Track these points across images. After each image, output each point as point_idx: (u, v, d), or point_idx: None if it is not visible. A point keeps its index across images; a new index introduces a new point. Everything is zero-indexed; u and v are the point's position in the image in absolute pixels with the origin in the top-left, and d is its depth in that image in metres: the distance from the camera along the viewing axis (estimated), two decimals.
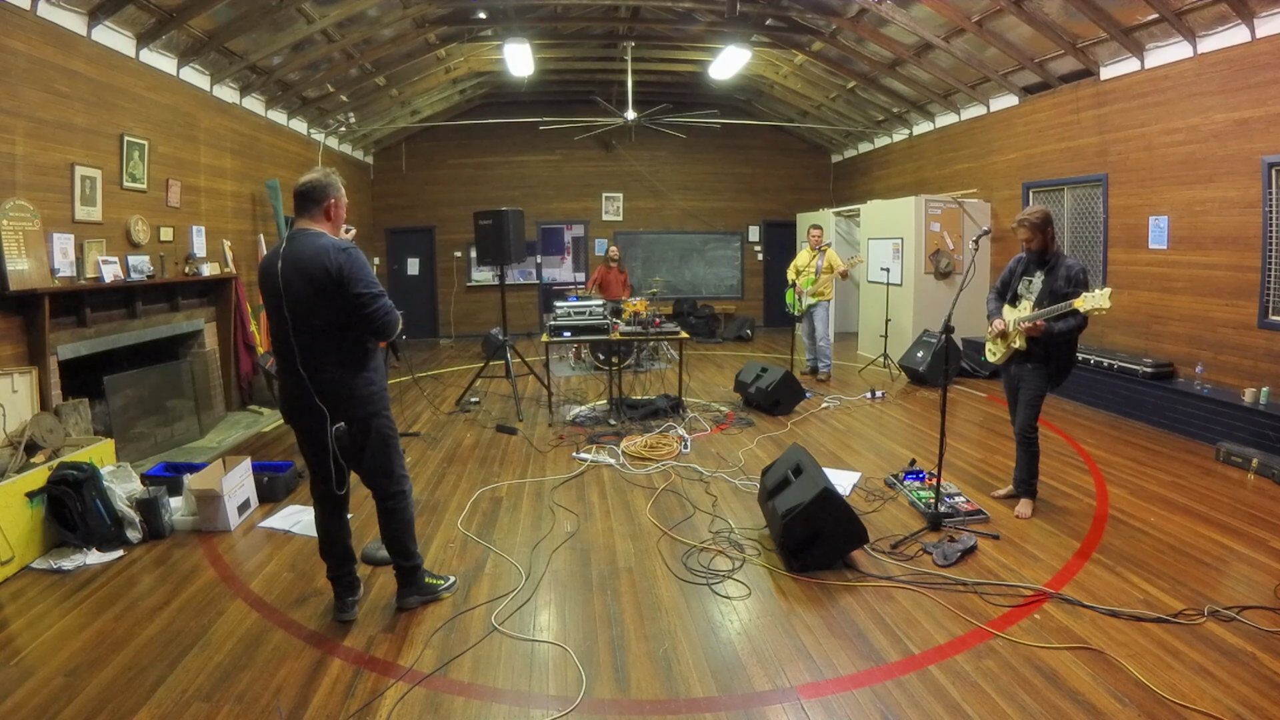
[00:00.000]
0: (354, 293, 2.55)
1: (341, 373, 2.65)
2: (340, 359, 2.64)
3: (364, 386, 2.70)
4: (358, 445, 2.75)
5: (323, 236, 2.63)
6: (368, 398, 2.71)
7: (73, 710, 2.33)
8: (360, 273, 2.57)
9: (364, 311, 2.59)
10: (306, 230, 2.65)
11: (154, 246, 5.53)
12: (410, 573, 2.99)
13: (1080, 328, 3.64)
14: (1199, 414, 5.34)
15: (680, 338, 6.37)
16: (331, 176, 2.74)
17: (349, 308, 2.57)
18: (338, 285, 2.54)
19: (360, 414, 2.70)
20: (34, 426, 3.91)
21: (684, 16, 8.25)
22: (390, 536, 2.93)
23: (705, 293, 12.90)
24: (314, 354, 2.61)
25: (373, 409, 2.73)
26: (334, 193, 2.72)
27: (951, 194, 8.70)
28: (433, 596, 3.06)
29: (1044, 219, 3.72)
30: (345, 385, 2.65)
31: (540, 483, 4.63)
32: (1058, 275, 3.69)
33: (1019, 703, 2.33)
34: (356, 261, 2.58)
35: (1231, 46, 5.32)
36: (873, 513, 3.97)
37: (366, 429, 2.74)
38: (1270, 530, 3.66)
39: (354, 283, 2.55)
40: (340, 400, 2.66)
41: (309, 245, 2.58)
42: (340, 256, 2.55)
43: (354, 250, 2.62)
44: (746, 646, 2.72)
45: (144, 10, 5.12)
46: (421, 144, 11.96)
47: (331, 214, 2.73)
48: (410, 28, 7.51)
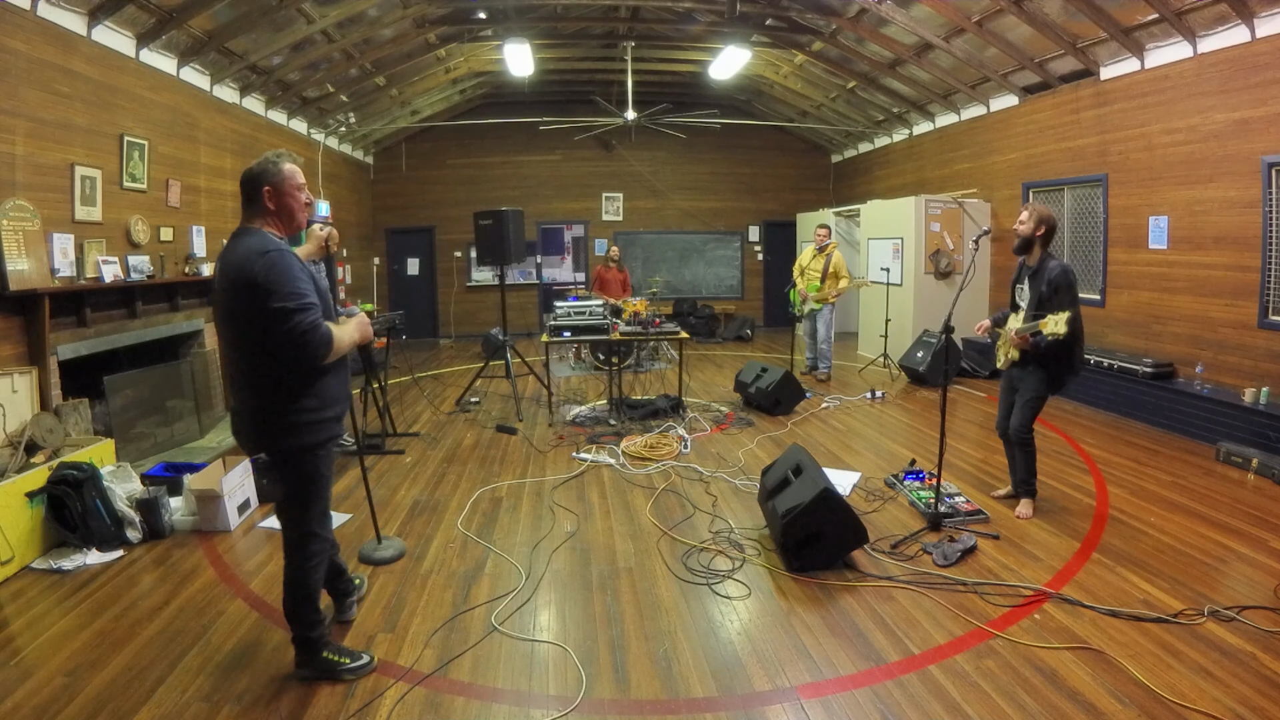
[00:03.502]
0: (269, 307, 2.13)
1: (267, 396, 2.27)
2: (265, 379, 2.25)
3: (294, 414, 2.27)
4: (278, 479, 2.37)
5: (252, 237, 2.25)
6: (298, 427, 2.29)
7: (73, 710, 2.33)
8: (277, 282, 2.14)
9: (278, 328, 2.15)
10: (243, 229, 2.31)
11: (154, 246, 5.53)
12: (303, 645, 2.49)
13: (1071, 335, 3.41)
14: (1199, 414, 5.34)
15: (680, 338, 6.37)
16: (268, 161, 2.33)
17: (267, 322, 2.16)
18: (254, 295, 2.14)
19: (288, 446, 2.30)
20: (34, 426, 3.91)
21: (684, 16, 8.25)
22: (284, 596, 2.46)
23: (705, 293, 12.90)
24: (238, 371, 2.30)
25: (305, 441, 2.31)
26: (268, 179, 2.30)
27: (951, 194, 8.70)
28: (332, 675, 2.50)
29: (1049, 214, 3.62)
30: (271, 411, 2.27)
31: (540, 483, 4.63)
32: (1040, 281, 3.63)
33: (1019, 703, 2.33)
34: (276, 268, 2.15)
35: (1231, 46, 5.32)
36: (873, 513, 3.97)
37: (291, 465, 2.33)
38: (1270, 530, 3.66)
39: (269, 294, 2.13)
40: (259, 427, 2.30)
41: (236, 249, 2.23)
42: (256, 265, 2.15)
43: (278, 254, 2.19)
44: (746, 646, 2.72)
45: (144, 10, 5.12)
46: (421, 144, 11.96)
47: (273, 204, 2.32)
48: (410, 28, 7.52)
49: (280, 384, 2.26)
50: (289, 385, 2.26)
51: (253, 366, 2.26)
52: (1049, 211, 3.69)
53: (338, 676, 2.50)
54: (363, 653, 2.61)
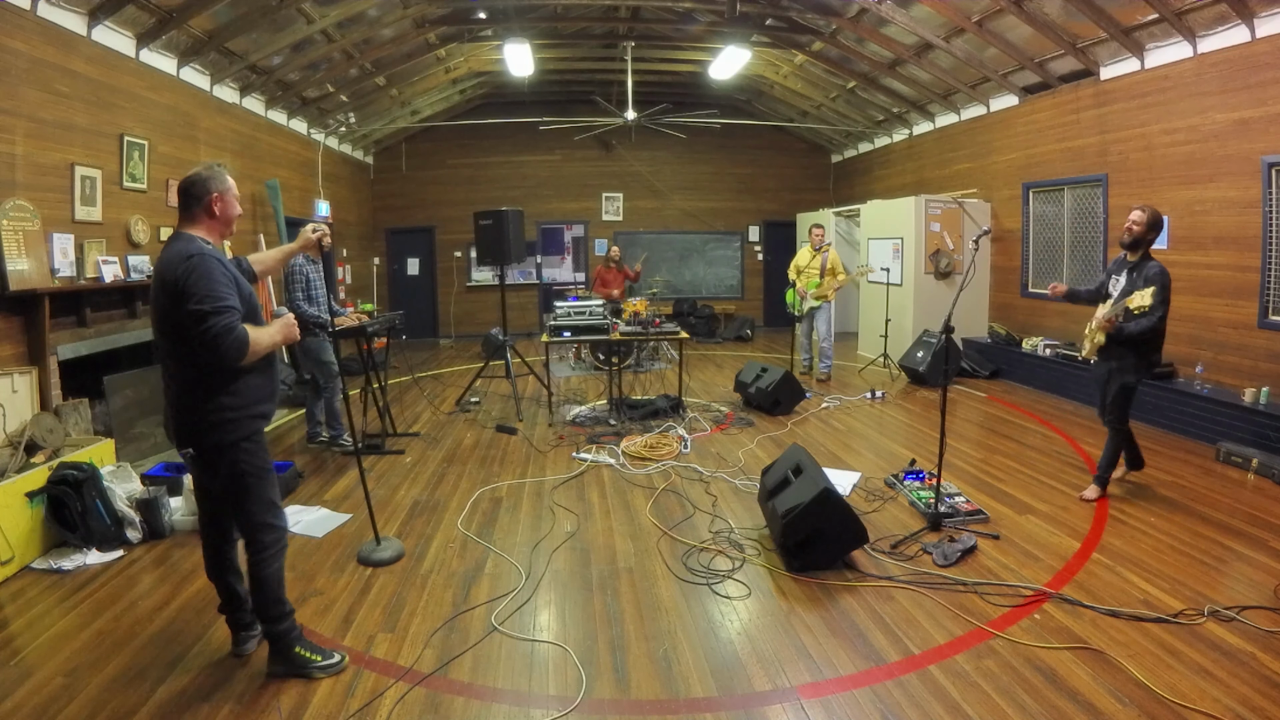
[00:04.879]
0: (186, 309, 2.22)
1: (188, 393, 2.35)
2: (187, 377, 2.34)
3: (213, 411, 2.34)
4: (207, 476, 2.46)
5: (181, 241, 2.35)
6: (217, 424, 2.35)
7: (73, 710, 2.33)
8: (195, 285, 2.22)
9: (194, 329, 2.22)
10: (176, 234, 2.41)
11: (154, 246, 5.53)
12: (274, 640, 2.54)
13: (1153, 329, 3.76)
14: (1199, 414, 5.34)
15: (680, 338, 6.37)
16: (212, 169, 2.46)
17: (185, 323, 2.24)
18: (175, 298, 2.24)
19: (208, 442, 2.37)
20: (34, 426, 3.91)
21: (684, 16, 8.25)
22: (251, 589, 2.54)
23: (705, 293, 12.90)
24: (166, 369, 2.40)
25: (223, 438, 2.36)
26: (215, 186, 2.43)
27: (951, 194, 8.70)
28: (303, 672, 2.52)
29: (1160, 216, 3.93)
30: (190, 407, 2.35)
31: (540, 483, 4.63)
32: (1139, 276, 3.86)
33: (1019, 703, 2.33)
34: (196, 271, 2.24)
35: (1231, 46, 5.32)
36: (873, 513, 3.97)
37: (216, 460, 2.40)
38: (1270, 530, 3.66)
39: (186, 296, 2.22)
40: (185, 423, 2.37)
41: (167, 252, 2.34)
42: (179, 268, 2.25)
43: (201, 259, 2.27)
44: (746, 646, 2.72)
45: (144, 10, 5.12)
46: (421, 144, 11.96)
47: (213, 211, 2.44)
48: (410, 28, 7.52)
49: (200, 382, 2.34)
50: (209, 383, 2.34)
51: (176, 364, 2.35)
52: (1159, 213, 3.96)
53: (309, 674, 2.53)
54: (334, 651, 2.63)
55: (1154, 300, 3.64)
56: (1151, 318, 3.74)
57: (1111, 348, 3.96)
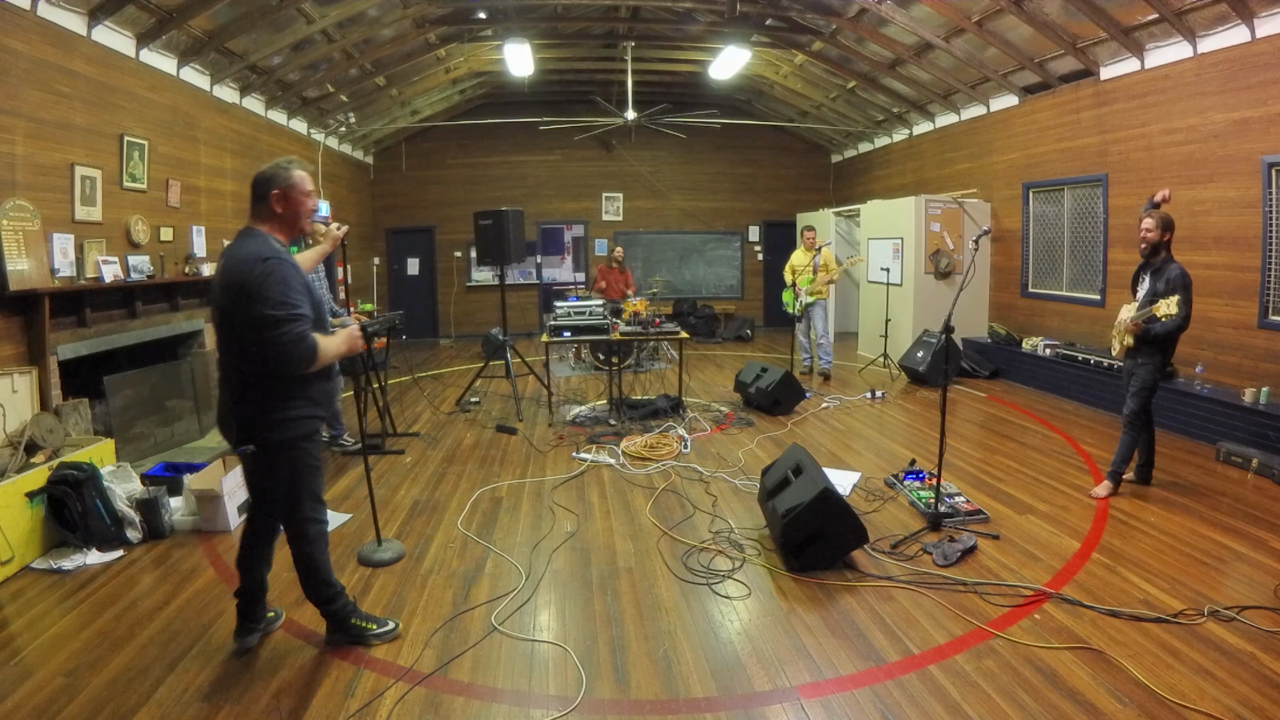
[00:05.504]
0: (257, 311, 2.21)
1: (252, 392, 2.35)
2: (250, 379, 2.34)
3: (278, 410, 2.36)
4: (264, 472, 2.46)
5: (254, 241, 2.33)
6: (281, 423, 2.38)
7: (73, 710, 2.33)
8: (268, 290, 2.21)
9: (263, 334, 2.22)
10: (247, 231, 2.39)
11: (154, 246, 5.53)
12: (332, 616, 2.70)
13: (1179, 329, 3.87)
14: (1199, 414, 5.34)
15: (680, 338, 6.37)
16: (279, 165, 2.40)
17: (255, 326, 2.23)
18: (246, 299, 2.22)
19: (271, 439, 2.39)
20: (34, 426, 3.91)
21: (684, 16, 8.25)
22: (300, 578, 2.65)
23: (705, 293, 12.89)
24: (228, 365, 2.39)
25: (285, 436, 2.40)
26: (278, 183, 2.37)
27: (951, 194, 8.70)
28: (361, 640, 2.70)
29: (1170, 219, 4.00)
30: (255, 406, 2.36)
31: (540, 483, 4.63)
32: (1161, 278, 3.96)
33: (1019, 703, 2.33)
34: (272, 276, 2.22)
35: (1231, 46, 5.32)
36: (873, 513, 3.97)
37: (276, 457, 2.42)
38: (1270, 530, 3.66)
39: (261, 300, 2.20)
40: (248, 421, 2.38)
41: (238, 250, 2.32)
42: (254, 269, 2.22)
43: (275, 262, 2.26)
44: (746, 646, 2.72)
45: (144, 10, 5.12)
46: (421, 144, 11.96)
47: (279, 208, 2.39)
48: (410, 28, 7.51)
49: (266, 384, 2.35)
50: (276, 384, 2.36)
51: (241, 365, 2.34)
52: (1169, 216, 4.02)
53: (367, 642, 2.71)
54: (389, 619, 2.81)
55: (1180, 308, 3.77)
56: (1177, 319, 3.84)
57: (1140, 347, 4.07)
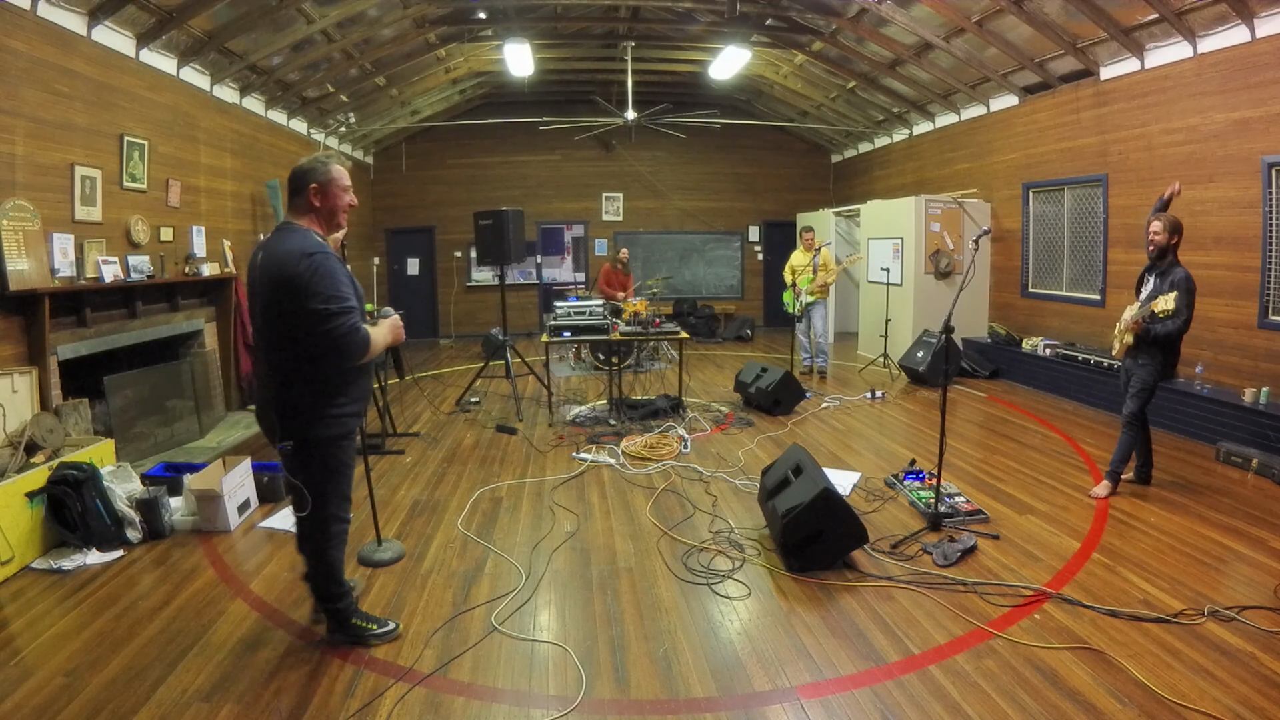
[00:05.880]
0: (310, 306, 2.24)
1: (294, 389, 2.37)
2: (295, 372, 2.36)
3: (321, 408, 2.40)
4: (297, 466, 2.47)
5: (296, 236, 2.34)
6: (321, 420, 2.41)
7: (73, 710, 2.33)
8: (320, 284, 2.24)
9: (316, 328, 2.26)
10: (287, 225, 2.40)
11: (154, 246, 5.53)
12: (333, 615, 2.71)
13: (1179, 332, 3.90)
14: (1199, 414, 5.34)
15: (680, 338, 6.37)
16: (316, 158, 2.43)
17: (306, 321, 2.26)
18: (294, 295, 2.24)
19: (310, 436, 2.42)
20: (34, 426, 3.91)
21: (684, 16, 8.25)
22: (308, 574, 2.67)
23: (705, 293, 12.90)
24: (271, 363, 2.39)
25: (324, 433, 2.43)
26: (315, 177, 2.39)
27: (951, 194, 8.70)
28: (361, 640, 2.70)
29: (1178, 221, 4.01)
30: (297, 401, 2.38)
31: (540, 483, 4.63)
32: (1166, 281, 3.97)
33: (1019, 703, 2.33)
34: (320, 271, 2.25)
35: (1231, 46, 5.32)
36: (873, 513, 3.97)
37: (311, 453, 2.45)
38: (1270, 530, 3.66)
39: (311, 295, 2.23)
40: (289, 417, 2.40)
41: (282, 243, 2.32)
42: (301, 265, 2.23)
43: (321, 256, 2.28)
44: (746, 646, 2.72)
45: (144, 10, 5.12)
46: (421, 144, 11.96)
47: (316, 202, 2.40)
48: (410, 28, 7.52)
49: (312, 380, 2.38)
50: (321, 382, 2.40)
51: (286, 361, 2.36)
52: (1178, 219, 4.03)
53: (366, 642, 2.71)
54: (389, 620, 2.80)
55: (1177, 304, 3.77)
56: (1177, 321, 3.87)
57: (1140, 347, 4.08)
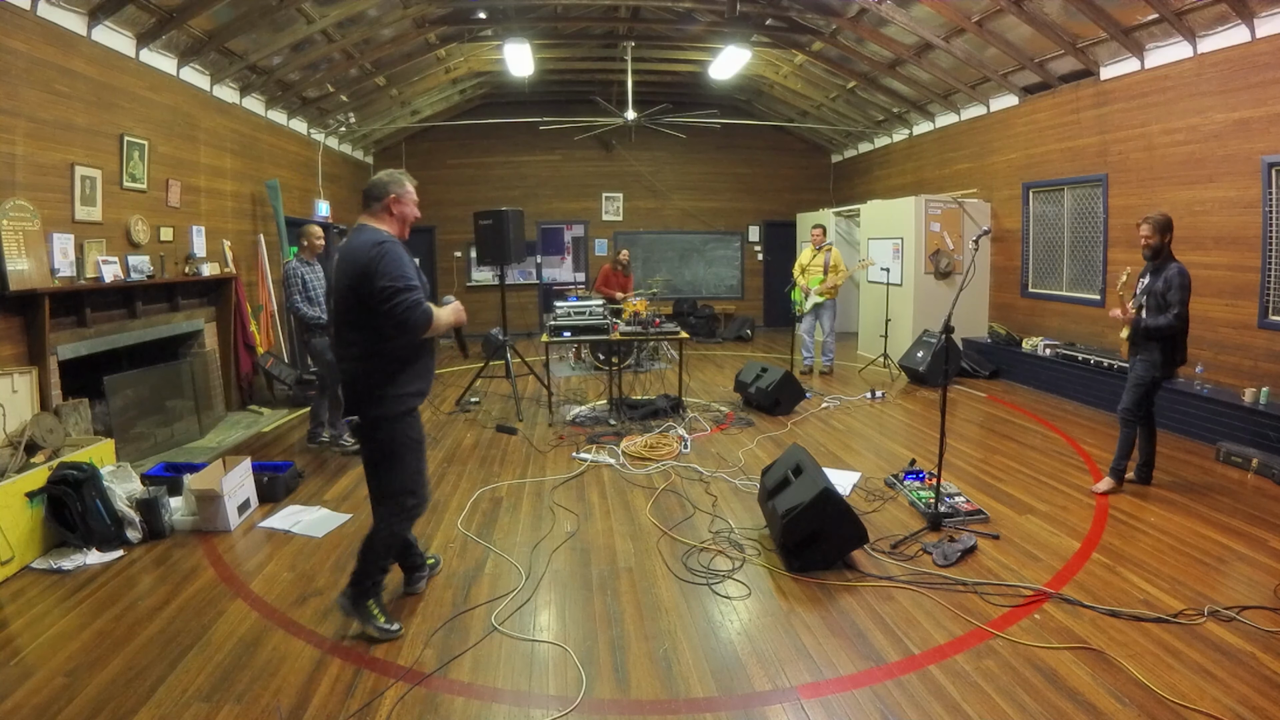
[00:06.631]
0: (376, 288, 2.55)
1: (362, 366, 2.66)
2: (364, 352, 2.65)
3: (382, 386, 2.67)
4: (365, 441, 2.76)
5: (369, 230, 2.71)
6: (383, 398, 2.67)
7: (73, 710, 2.33)
8: (388, 266, 2.57)
9: (383, 305, 2.56)
10: (362, 226, 2.76)
11: (154, 246, 5.53)
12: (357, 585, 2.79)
13: (1170, 326, 3.90)
14: (1199, 414, 5.34)
15: (680, 338, 6.37)
16: (393, 174, 2.81)
17: (375, 300, 2.56)
18: (366, 277, 2.56)
19: (373, 413, 2.68)
20: (34, 426, 3.91)
21: (684, 16, 8.25)
22: (364, 544, 2.79)
23: (705, 293, 12.90)
24: (344, 343, 2.70)
25: (385, 411, 2.67)
26: (394, 189, 2.77)
27: (951, 194, 8.70)
28: (363, 621, 2.77)
29: (1166, 221, 4.01)
30: (363, 380, 2.67)
31: (540, 483, 4.63)
32: (1159, 278, 3.99)
33: (1019, 703, 2.33)
34: (388, 255, 2.59)
35: (1231, 46, 5.32)
36: (873, 513, 3.97)
37: (375, 430, 2.71)
38: (1270, 530, 3.66)
39: (380, 275, 2.55)
40: (356, 393, 2.68)
41: (358, 237, 2.68)
42: (370, 252, 2.59)
43: (389, 245, 2.64)
44: (746, 646, 2.72)
45: (144, 10, 5.12)
46: (421, 144, 11.96)
47: (394, 210, 2.78)
48: (410, 28, 7.51)
49: (381, 359, 2.66)
50: (388, 360, 2.66)
51: (358, 342, 2.65)
52: (1163, 216, 4.03)
53: (365, 625, 2.78)
54: (396, 623, 2.85)
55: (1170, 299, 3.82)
56: (1168, 315, 3.87)
57: (1140, 345, 4.10)
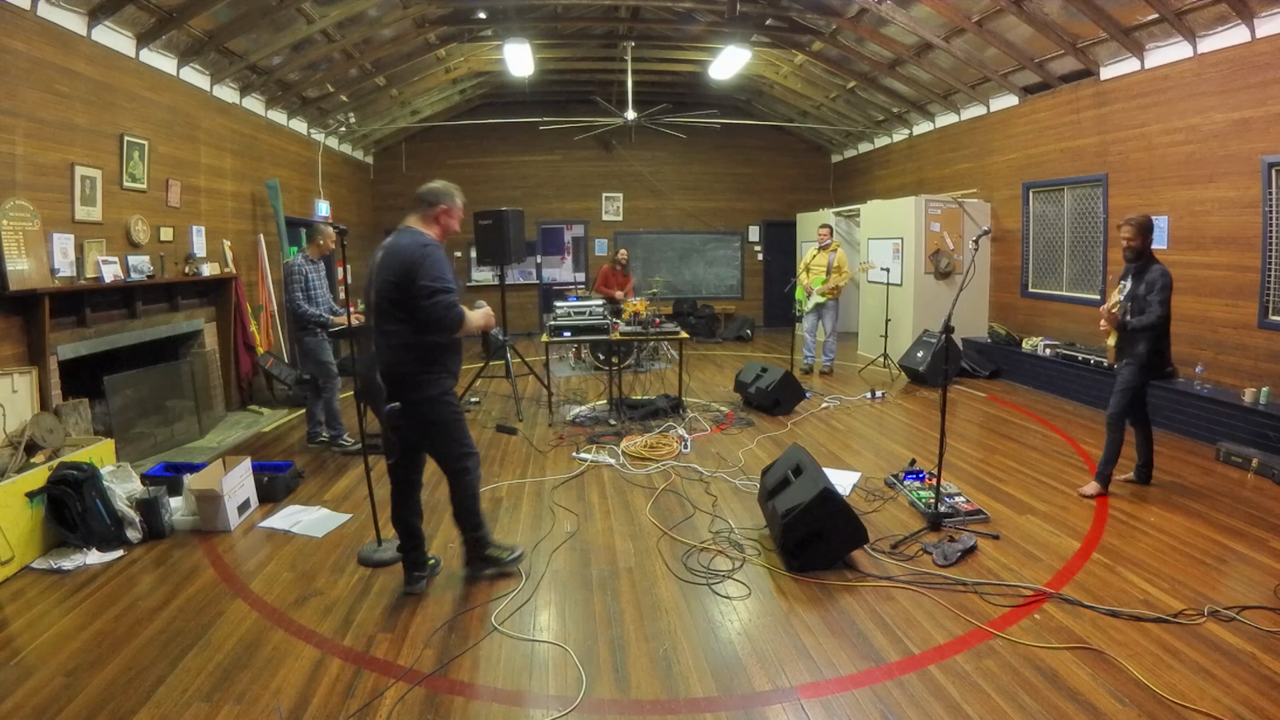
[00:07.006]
0: (417, 286, 2.76)
1: (401, 355, 2.86)
2: (403, 342, 2.86)
3: (419, 373, 2.89)
4: (420, 427, 2.96)
5: (416, 233, 2.92)
6: (422, 383, 2.91)
7: (73, 710, 2.33)
8: (431, 268, 2.78)
9: (421, 302, 2.77)
10: (409, 228, 2.96)
11: (154, 246, 5.53)
12: (473, 544, 3.22)
13: (1152, 326, 3.87)
14: (1199, 414, 5.34)
15: (680, 338, 6.37)
16: (449, 187, 3.07)
17: (416, 297, 2.78)
18: (411, 275, 2.77)
19: (416, 396, 2.90)
20: (34, 426, 3.91)
21: (684, 16, 8.25)
22: (453, 507, 3.17)
23: (705, 293, 12.89)
24: (383, 338, 2.89)
25: (426, 393, 2.92)
26: (446, 200, 3.03)
27: (951, 194, 8.70)
28: (497, 565, 3.26)
29: (1148, 222, 4.00)
30: (402, 367, 2.87)
31: (540, 483, 4.63)
32: (1141, 280, 3.98)
33: (1019, 703, 2.33)
34: (431, 257, 2.81)
35: (1231, 46, 5.32)
36: (873, 513, 3.97)
37: (420, 410, 2.92)
38: (1270, 530, 3.66)
39: (419, 276, 2.76)
40: (397, 380, 2.87)
41: (405, 238, 2.89)
42: (417, 252, 2.81)
43: (434, 248, 2.86)
44: (746, 646, 2.72)
45: (144, 10, 5.12)
46: (421, 144, 11.96)
47: (440, 220, 3.02)
48: (410, 28, 7.51)
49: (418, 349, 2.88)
50: (424, 350, 2.90)
51: (398, 334, 2.87)
52: (1144, 217, 4.01)
53: (502, 567, 3.27)
54: (516, 546, 3.40)
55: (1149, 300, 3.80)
56: (1150, 315, 3.86)
57: (1125, 348, 4.09)
